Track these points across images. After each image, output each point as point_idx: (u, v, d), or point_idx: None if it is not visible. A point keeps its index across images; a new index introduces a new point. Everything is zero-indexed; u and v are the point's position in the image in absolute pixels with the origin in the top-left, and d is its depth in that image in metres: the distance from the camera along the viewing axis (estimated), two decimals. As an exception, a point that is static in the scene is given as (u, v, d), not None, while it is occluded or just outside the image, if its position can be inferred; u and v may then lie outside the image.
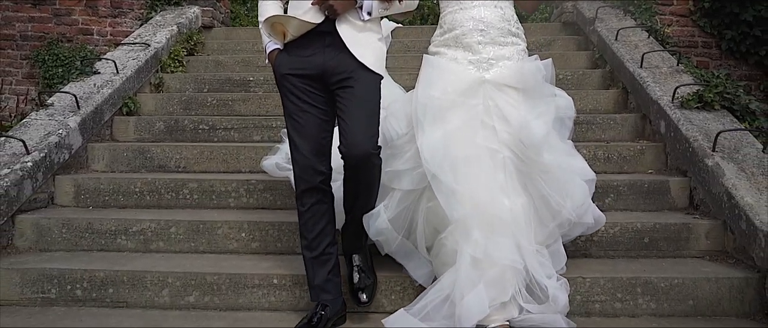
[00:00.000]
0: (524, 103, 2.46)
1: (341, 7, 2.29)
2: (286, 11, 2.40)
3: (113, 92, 4.04)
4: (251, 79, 4.61)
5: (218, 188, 3.27)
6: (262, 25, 2.39)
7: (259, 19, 2.44)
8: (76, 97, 3.75)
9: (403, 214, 2.45)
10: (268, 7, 2.42)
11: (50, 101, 3.80)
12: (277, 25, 2.34)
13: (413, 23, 7.37)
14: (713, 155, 3.02)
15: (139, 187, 3.30)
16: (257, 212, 3.14)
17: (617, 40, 4.50)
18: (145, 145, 3.77)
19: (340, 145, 2.29)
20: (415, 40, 5.32)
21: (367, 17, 2.35)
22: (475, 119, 2.42)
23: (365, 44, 2.34)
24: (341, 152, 2.28)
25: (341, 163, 2.31)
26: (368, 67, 2.32)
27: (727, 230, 2.82)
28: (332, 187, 2.44)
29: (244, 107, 4.29)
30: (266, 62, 2.47)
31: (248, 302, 2.58)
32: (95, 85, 4.05)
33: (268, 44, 2.42)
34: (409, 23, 6.74)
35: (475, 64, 2.48)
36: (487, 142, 2.39)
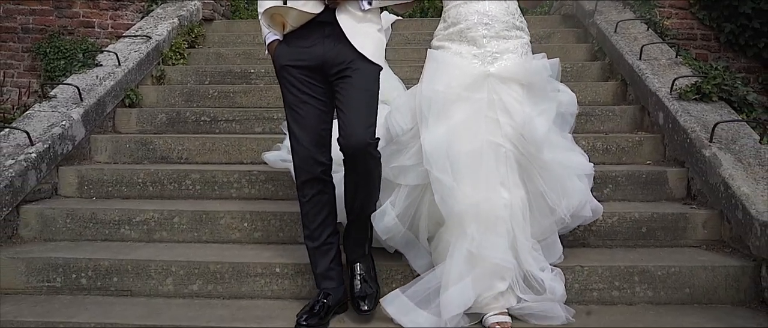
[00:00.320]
0: (528, 99, 2.47)
1: None
2: (285, 2, 2.38)
3: (115, 84, 4.07)
4: (252, 71, 4.64)
5: (220, 179, 3.30)
6: (261, 15, 2.40)
7: (258, 10, 2.44)
8: (78, 89, 3.77)
9: (409, 209, 2.46)
10: None
11: (53, 93, 3.82)
12: (276, 15, 2.34)
13: (413, 16, 7.38)
14: (710, 146, 3.05)
15: (142, 178, 3.34)
16: (259, 203, 3.17)
17: (616, 32, 4.53)
18: (147, 136, 3.80)
19: (338, 137, 2.30)
20: (415, 32, 5.34)
21: (367, 7, 2.35)
22: (479, 113, 2.42)
23: (365, 35, 2.34)
24: (339, 144, 2.29)
25: (342, 155, 2.31)
26: (367, 57, 2.32)
27: (723, 220, 2.86)
28: (333, 178, 2.46)
29: (245, 99, 4.32)
30: (266, 54, 2.48)
31: (251, 291, 2.61)
32: (97, 77, 4.08)
33: (267, 35, 2.43)
34: (409, 16, 6.75)
35: (479, 57, 2.48)
36: (490, 135, 2.40)
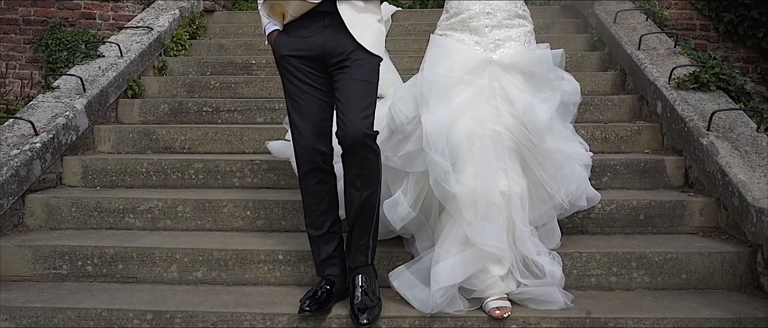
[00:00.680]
0: (530, 87, 2.48)
1: None
2: None
3: (118, 75, 4.09)
4: (253, 62, 4.67)
5: (223, 169, 3.34)
6: (261, 6, 2.41)
7: (258, 0, 2.45)
8: (81, 79, 3.80)
9: (420, 195, 2.46)
10: None
11: (56, 84, 3.85)
12: (276, 6, 2.35)
13: (413, 7, 7.40)
14: (708, 134, 3.09)
15: (145, 167, 3.37)
16: (262, 191, 3.21)
17: (616, 22, 4.55)
18: (150, 127, 3.83)
19: (336, 130, 2.29)
20: (415, 23, 5.36)
21: (367, -3, 2.34)
22: (480, 97, 2.44)
23: (364, 25, 2.34)
24: (337, 136, 2.28)
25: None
26: (366, 48, 2.31)
27: (720, 207, 2.89)
28: (334, 168, 2.46)
29: (246, 90, 4.35)
30: (266, 44, 2.48)
31: (254, 277, 2.65)
32: (100, 68, 4.11)
33: (267, 25, 2.43)
34: (409, 7, 6.78)
35: (481, 45, 2.49)
36: (490, 122, 2.42)
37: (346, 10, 2.31)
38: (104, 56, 4.29)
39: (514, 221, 2.39)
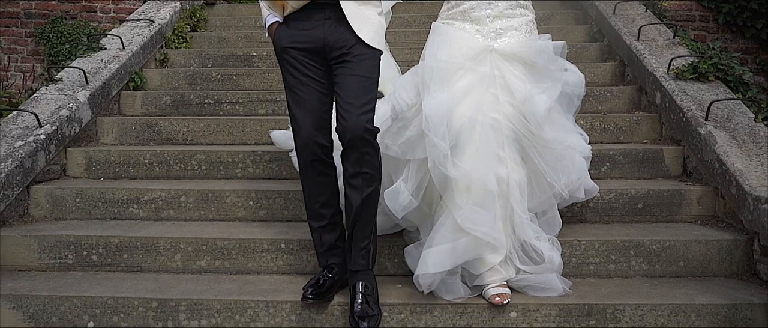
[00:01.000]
0: (530, 77, 2.49)
1: None
2: None
3: (120, 67, 4.12)
4: (254, 54, 4.69)
5: (225, 159, 3.37)
6: None
7: None
8: (84, 72, 3.83)
9: (421, 183, 2.45)
10: None
11: (59, 76, 3.88)
12: None
13: (413, -1, 7.39)
14: (706, 124, 3.11)
15: (148, 158, 3.40)
16: (264, 182, 3.24)
17: (615, 13, 4.57)
18: (152, 119, 3.85)
19: (336, 125, 2.29)
20: (415, 15, 5.37)
21: (367, -11, 2.35)
22: (481, 84, 2.44)
23: (364, 18, 2.33)
24: (337, 131, 2.27)
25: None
26: (366, 42, 2.31)
27: (718, 196, 2.93)
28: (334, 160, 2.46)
29: (248, 82, 4.37)
30: (267, 36, 2.48)
31: (257, 266, 2.69)
32: (102, 60, 4.13)
33: (267, 18, 2.43)
34: (409, -1, 6.78)
35: (483, 33, 2.51)
36: (490, 110, 2.42)
37: (346, 2, 2.31)
38: (106, 49, 4.31)
39: (513, 208, 2.40)
